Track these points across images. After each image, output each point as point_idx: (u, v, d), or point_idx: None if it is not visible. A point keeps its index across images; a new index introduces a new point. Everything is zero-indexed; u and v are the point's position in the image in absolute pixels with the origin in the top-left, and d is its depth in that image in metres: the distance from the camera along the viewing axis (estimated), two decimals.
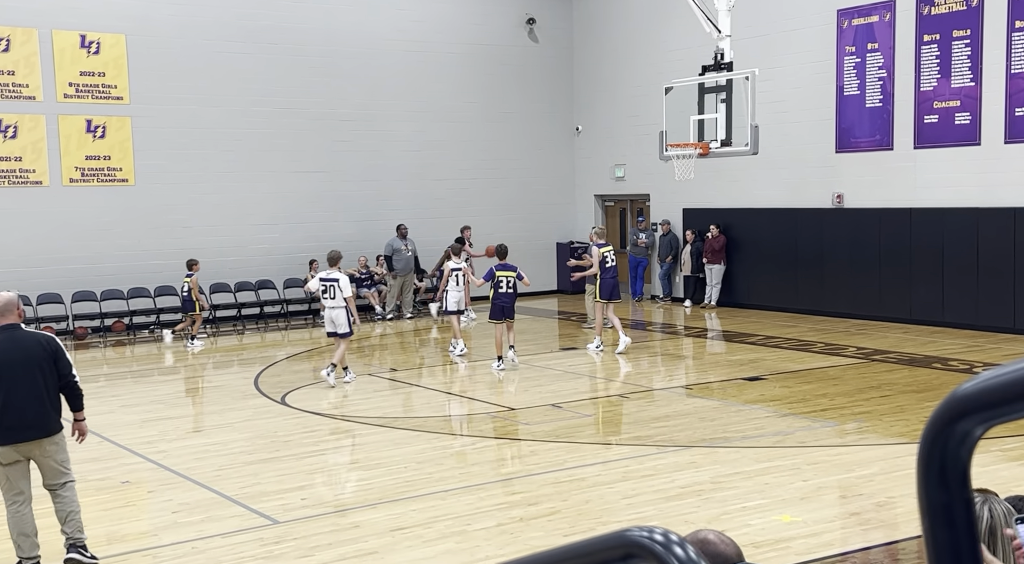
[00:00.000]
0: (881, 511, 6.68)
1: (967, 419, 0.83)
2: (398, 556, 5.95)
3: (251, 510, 6.92)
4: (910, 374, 11.51)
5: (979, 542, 0.84)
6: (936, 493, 0.85)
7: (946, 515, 0.84)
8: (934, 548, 0.86)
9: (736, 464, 7.85)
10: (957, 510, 0.84)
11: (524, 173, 20.82)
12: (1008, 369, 0.80)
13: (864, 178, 16.09)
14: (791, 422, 9.30)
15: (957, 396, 0.83)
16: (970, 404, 0.82)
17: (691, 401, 10.41)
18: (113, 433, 9.39)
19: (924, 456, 0.86)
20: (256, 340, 16.08)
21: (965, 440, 0.84)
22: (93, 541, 6.45)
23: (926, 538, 0.86)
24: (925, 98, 15.20)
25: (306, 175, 18.39)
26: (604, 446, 8.59)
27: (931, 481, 0.86)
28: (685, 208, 18.99)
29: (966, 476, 0.85)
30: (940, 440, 0.85)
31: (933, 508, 0.85)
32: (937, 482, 0.85)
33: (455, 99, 19.85)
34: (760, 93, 15.10)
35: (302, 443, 8.85)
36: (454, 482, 7.50)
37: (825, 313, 16.48)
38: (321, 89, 18.43)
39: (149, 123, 17.00)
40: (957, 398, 0.83)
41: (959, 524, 0.84)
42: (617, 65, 20.32)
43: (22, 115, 16.12)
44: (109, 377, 13.38)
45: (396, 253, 17.88)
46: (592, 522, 6.52)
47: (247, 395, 11.19)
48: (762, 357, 12.96)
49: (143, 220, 17.03)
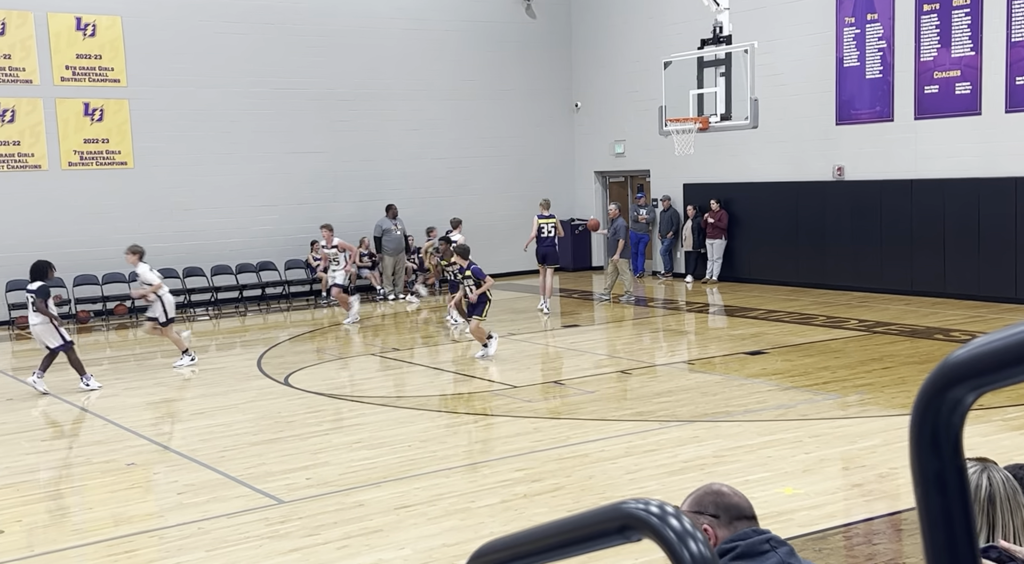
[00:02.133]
0: (883, 482, 6.70)
1: (959, 386, 0.83)
2: (403, 534, 5.98)
3: (256, 490, 6.95)
4: (912, 345, 11.52)
5: (972, 509, 0.84)
6: (929, 461, 0.86)
7: (939, 482, 0.85)
8: (927, 515, 0.86)
9: (738, 438, 7.87)
10: (950, 477, 0.84)
11: (523, 151, 20.76)
12: (998, 336, 0.80)
13: (864, 150, 16.04)
14: (793, 395, 9.32)
15: (948, 364, 0.83)
16: (961, 372, 0.82)
17: (693, 376, 10.43)
18: (118, 416, 9.42)
19: (916, 424, 0.86)
20: (258, 321, 16.11)
21: (957, 407, 0.84)
22: (100, 523, 6.50)
23: (919, 506, 0.87)
24: (925, 68, 15.12)
25: (305, 156, 18.34)
26: (607, 422, 8.62)
27: (924, 449, 0.86)
28: (686, 183, 18.95)
29: (958, 443, 0.85)
30: (932, 408, 0.85)
31: (926, 476, 0.86)
32: (930, 450, 0.85)
33: (453, 77, 19.76)
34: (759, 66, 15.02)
35: (306, 423, 8.88)
36: (457, 460, 7.53)
37: (826, 286, 16.48)
38: (319, 69, 18.35)
39: (147, 105, 16.94)
40: (948, 366, 0.83)
41: (952, 491, 0.84)
42: (615, 40, 20.21)
43: (19, 99, 16.07)
44: (112, 360, 13.41)
45: (386, 234, 17.72)
46: (596, 497, 6.55)
47: (250, 376, 11.22)
48: (764, 331, 12.97)
49: (143, 203, 17.01)
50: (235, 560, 5.65)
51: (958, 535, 0.84)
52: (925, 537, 0.86)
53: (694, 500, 2.51)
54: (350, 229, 18.31)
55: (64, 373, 12.45)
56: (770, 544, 2.36)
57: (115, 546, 6.01)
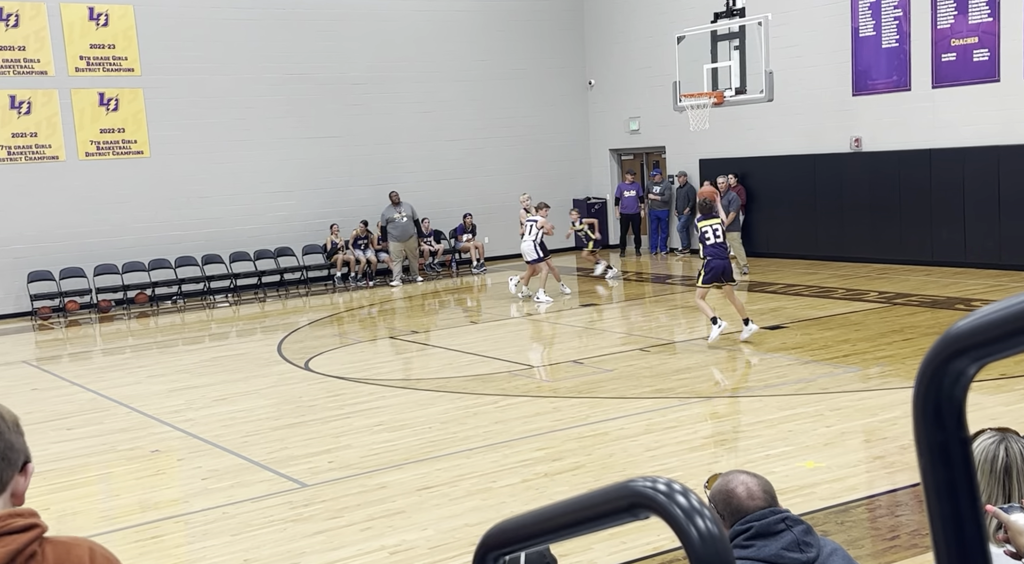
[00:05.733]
0: (905, 454, 6.68)
1: (961, 358, 0.83)
2: (425, 515, 6.02)
3: (279, 474, 7.02)
4: (932, 316, 11.45)
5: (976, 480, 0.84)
6: (932, 432, 0.85)
7: (942, 454, 0.84)
8: (932, 486, 0.86)
9: (758, 413, 7.86)
10: (953, 449, 0.84)
11: (538, 130, 20.69)
12: (1001, 306, 0.79)
13: (882, 120, 15.89)
14: (813, 369, 9.29)
15: (951, 335, 0.83)
16: (964, 342, 0.82)
17: (712, 352, 10.41)
18: (141, 403, 9.52)
19: (919, 396, 0.86)
20: (278, 307, 16.19)
21: (960, 379, 0.83)
22: (126, 509, 6.58)
23: (923, 477, 0.87)
24: (942, 36, 14.93)
25: (319, 140, 18.36)
26: (626, 400, 8.62)
27: (927, 420, 0.85)
28: (701, 159, 18.84)
29: (961, 415, 0.85)
30: (935, 379, 0.85)
31: (930, 447, 0.85)
32: (933, 421, 0.85)
33: (466, 58, 19.70)
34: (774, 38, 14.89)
35: (327, 407, 8.94)
36: (478, 441, 7.57)
37: (846, 259, 16.38)
38: (331, 53, 18.33)
39: (161, 94, 16.99)
40: (951, 337, 0.83)
41: (956, 462, 0.84)
42: (628, 16, 20.06)
43: (35, 91, 16.16)
44: (135, 348, 13.53)
45: (391, 222, 17.57)
46: (616, 475, 6.57)
47: (271, 362, 11.30)
48: (783, 305, 12.92)
49: (160, 192, 17.10)
50: (260, 544, 5.71)
51: (963, 506, 0.84)
52: (930, 508, 0.86)
53: (716, 487, 2.49)
54: (365, 213, 18.36)
55: (86, 362, 12.58)
56: (786, 523, 2.36)
57: (142, 532, 6.09)
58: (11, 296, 16.14)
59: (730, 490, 2.45)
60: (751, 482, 2.47)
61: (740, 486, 2.46)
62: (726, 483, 2.48)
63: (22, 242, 16.11)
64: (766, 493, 2.46)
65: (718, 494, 2.45)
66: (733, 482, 2.48)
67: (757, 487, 2.46)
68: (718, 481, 2.49)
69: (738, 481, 2.48)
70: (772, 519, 2.35)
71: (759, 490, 2.46)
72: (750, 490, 2.44)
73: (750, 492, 2.44)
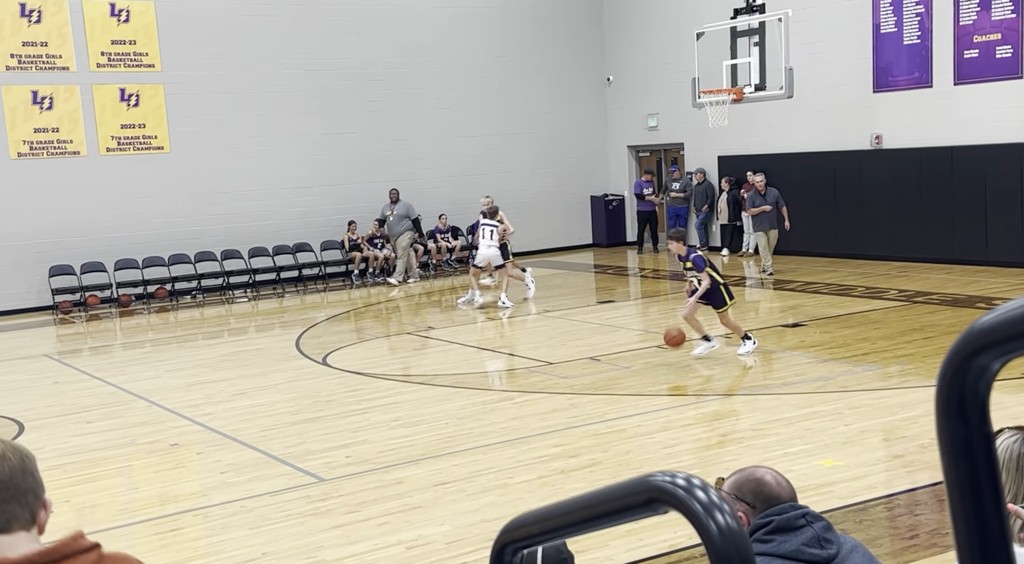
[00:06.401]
0: (925, 453, 6.63)
1: (985, 353, 0.82)
2: (442, 510, 6.04)
3: (297, 469, 7.05)
4: (953, 315, 11.36)
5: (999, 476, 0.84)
6: (955, 428, 0.85)
7: (966, 450, 0.84)
8: (955, 482, 0.85)
9: (777, 411, 7.83)
10: (977, 445, 0.84)
11: (556, 126, 20.67)
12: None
13: (903, 117, 15.77)
14: (832, 367, 9.24)
15: (974, 330, 0.82)
16: (987, 338, 0.81)
17: (730, 350, 10.37)
18: (161, 397, 9.58)
19: (942, 391, 0.86)
20: (296, 303, 16.26)
21: (983, 375, 0.83)
22: (146, 502, 6.63)
23: (946, 473, 0.86)
24: (964, 32, 14.81)
25: (338, 137, 18.41)
26: (643, 397, 8.61)
27: (950, 416, 0.85)
28: (720, 156, 18.77)
29: (985, 410, 0.84)
30: (958, 375, 0.84)
31: (953, 443, 0.85)
32: (956, 417, 0.84)
33: (484, 55, 19.70)
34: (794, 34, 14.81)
35: (344, 402, 8.97)
36: (495, 437, 7.58)
37: (865, 256, 16.28)
38: (350, 49, 18.37)
39: (181, 90, 17.08)
40: (974, 332, 0.82)
41: (979, 458, 0.83)
42: (647, 12, 20.00)
43: (57, 86, 16.27)
44: (154, 343, 13.62)
45: (384, 219, 17.55)
46: (633, 472, 6.56)
47: (289, 357, 11.35)
48: (801, 303, 12.86)
49: (180, 187, 17.20)
50: (278, 537, 5.73)
51: (986, 502, 0.83)
52: (952, 505, 0.85)
53: (734, 483, 2.47)
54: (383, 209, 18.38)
55: (106, 356, 12.68)
56: (806, 519, 2.35)
57: (161, 525, 6.13)
58: (33, 290, 16.28)
59: (758, 479, 2.44)
60: (773, 471, 2.49)
61: (767, 474, 2.46)
62: (750, 474, 2.47)
63: (44, 237, 16.24)
64: (789, 483, 2.47)
65: (746, 484, 2.44)
66: (758, 472, 2.47)
67: (780, 476, 2.47)
68: (740, 474, 2.48)
69: (761, 471, 2.48)
70: (792, 514, 2.34)
71: (783, 479, 2.47)
72: (776, 478, 2.45)
73: (777, 480, 2.45)
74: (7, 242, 16.03)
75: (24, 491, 1.64)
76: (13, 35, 15.93)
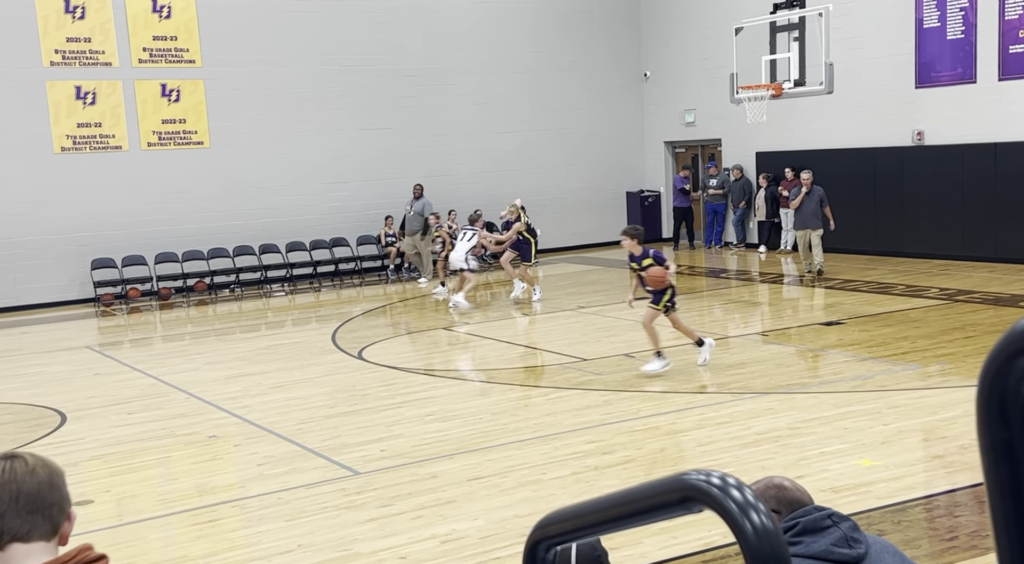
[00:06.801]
0: (965, 453, 6.54)
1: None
2: (476, 505, 6.05)
3: (333, 462, 7.10)
4: (995, 314, 11.18)
5: None
6: (997, 429, 0.83)
7: (1007, 451, 0.83)
8: (996, 484, 0.84)
9: (814, 410, 7.76)
10: (1018, 446, 0.82)
11: (592, 122, 20.61)
12: None
13: (946, 113, 15.54)
14: (871, 366, 9.14)
15: (1016, 331, 0.81)
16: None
17: (767, 347, 10.29)
18: (199, 390, 9.70)
19: (984, 392, 0.84)
20: (332, 297, 16.37)
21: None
22: (184, 493, 6.72)
23: (987, 474, 0.85)
24: (1010, 27, 14.54)
25: (374, 132, 18.50)
26: (678, 394, 8.57)
27: (991, 418, 0.84)
28: (758, 152, 18.61)
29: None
30: (1000, 376, 0.83)
31: (994, 444, 0.84)
32: (997, 418, 0.83)
33: (520, 50, 19.68)
34: (834, 30, 14.65)
35: (380, 396, 9.02)
36: (529, 432, 7.58)
37: (906, 254, 16.07)
38: (386, 45, 18.45)
39: (221, 85, 17.26)
40: (1016, 333, 0.81)
41: (1020, 461, 0.82)
42: (685, 7, 19.87)
43: (100, 82, 16.51)
44: (193, 336, 13.78)
45: (405, 215, 17.33)
46: (667, 470, 6.53)
47: (325, 351, 11.43)
48: (840, 301, 12.72)
49: (219, 182, 17.38)
50: (313, 529, 5.78)
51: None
52: (993, 507, 0.84)
53: (758, 489, 2.49)
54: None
55: (146, 348, 12.85)
56: (832, 520, 2.33)
57: (199, 515, 6.21)
58: (75, 283, 16.55)
59: (778, 485, 2.47)
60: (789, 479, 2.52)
61: (785, 480, 2.49)
62: (769, 481, 2.50)
63: (86, 230, 16.50)
64: (805, 490, 2.50)
65: (767, 491, 2.46)
66: (775, 479, 2.51)
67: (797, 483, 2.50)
68: (759, 484, 2.51)
69: (779, 478, 2.52)
70: (818, 515, 2.33)
71: (800, 485, 2.49)
72: (794, 484, 2.47)
73: (795, 485, 2.47)
74: (51, 235, 16.30)
75: (50, 504, 1.71)
76: (57, 31, 16.18)
